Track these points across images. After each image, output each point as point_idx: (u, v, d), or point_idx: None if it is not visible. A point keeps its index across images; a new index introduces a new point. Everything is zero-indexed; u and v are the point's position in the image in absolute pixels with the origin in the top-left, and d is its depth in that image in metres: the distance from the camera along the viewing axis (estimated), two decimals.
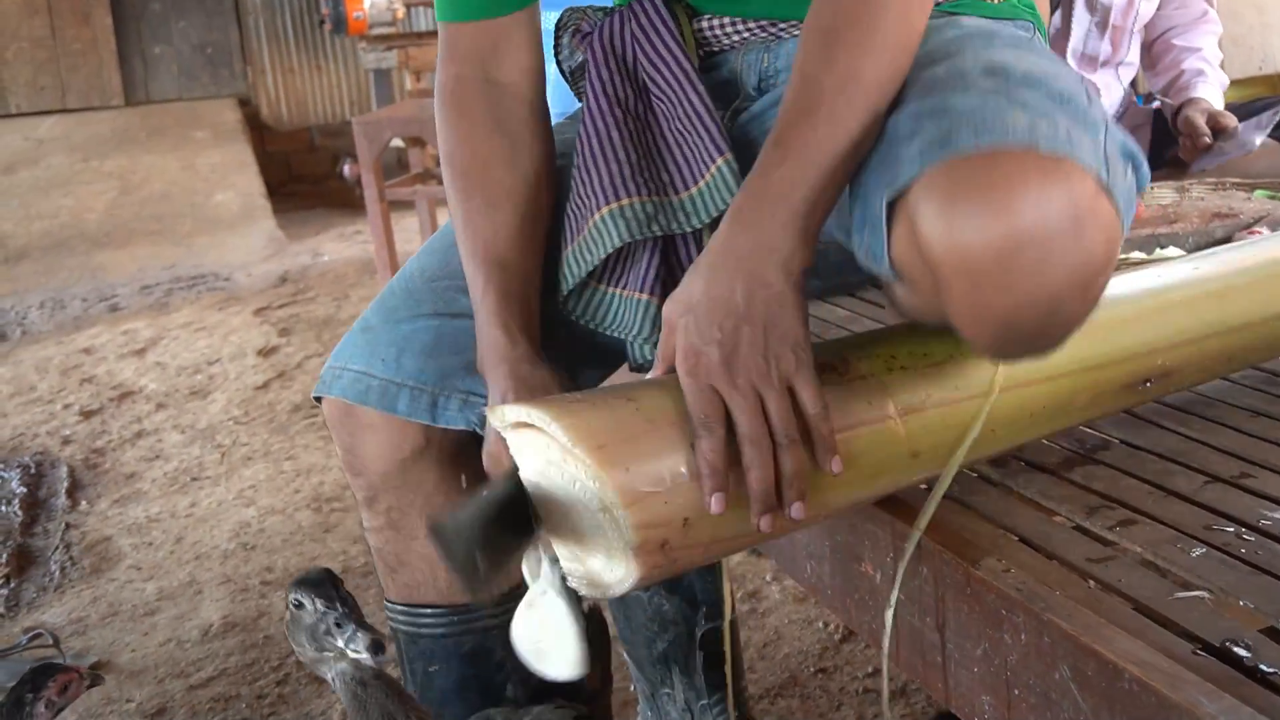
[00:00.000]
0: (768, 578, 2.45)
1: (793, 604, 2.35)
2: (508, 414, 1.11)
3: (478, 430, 1.31)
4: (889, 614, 1.25)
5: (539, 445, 1.09)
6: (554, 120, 2.38)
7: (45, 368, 4.42)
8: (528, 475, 1.12)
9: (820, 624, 2.27)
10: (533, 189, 1.36)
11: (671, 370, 1.07)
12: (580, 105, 1.47)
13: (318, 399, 1.40)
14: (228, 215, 6.53)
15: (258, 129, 7.71)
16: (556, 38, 1.45)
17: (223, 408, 3.86)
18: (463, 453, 1.39)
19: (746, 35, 1.37)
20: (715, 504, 1.03)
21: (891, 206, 1.05)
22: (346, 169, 6.91)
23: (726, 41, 1.38)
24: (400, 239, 4.88)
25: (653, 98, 1.32)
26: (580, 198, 1.28)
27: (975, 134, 1.01)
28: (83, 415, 3.87)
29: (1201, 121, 2.62)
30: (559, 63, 1.47)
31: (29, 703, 1.48)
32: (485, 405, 1.31)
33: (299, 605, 1.32)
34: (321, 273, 5.59)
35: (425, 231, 4.70)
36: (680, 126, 1.28)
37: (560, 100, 2.27)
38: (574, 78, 1.46)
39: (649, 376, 1.12)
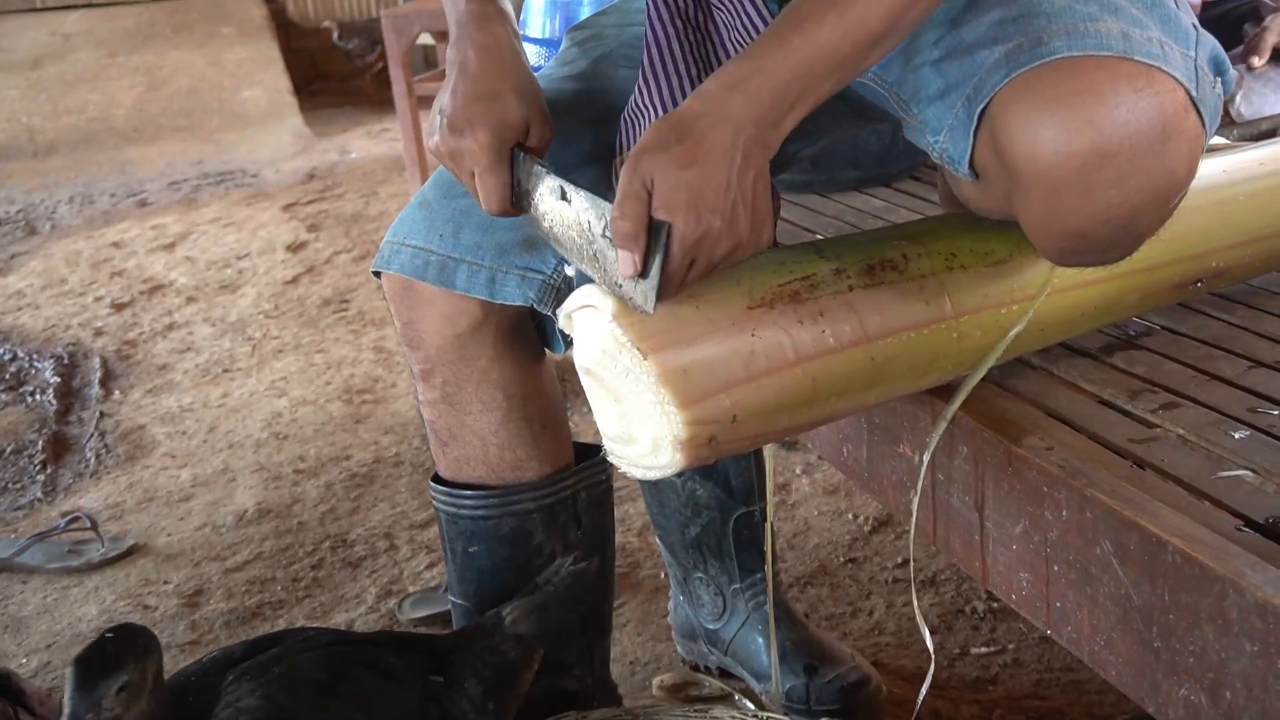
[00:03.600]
0: (797, 470, 2.45)
1: (822, 496, 2.36)
2: (575, 297, 1.11)
3: (535, 306, 1.32)
4: (915, 499, 1.25)
5: (599, 329, 1.09)
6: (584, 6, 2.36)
7: (75, 261, 4.43)
8: (583, 358, 1.12)
9: (850, 515, 2.29)
10: None
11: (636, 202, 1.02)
12: None
13: (376, 273, 1.40)
14: (255, 112, 6.49)
15: (283, 26, 7.63)
16: None
17: (252, 302, 3.87)
18: (519, 329, 1.40)
19: None
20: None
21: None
22: (347, 43, 6.89)
23: None
24: None
25: (713, 7, 1.30)
26: (638, 108, 1.26)
27: (1067, 42, 1.00)
28: (114, 308, 3.89)
29: (1269, 40, 2.40)
30: None
31: None
32: (543, 280, 1.31)
33: None
34: (349, 170, 5.56)
35: None
36: (739, 38, 1.26)
37: None
38: None
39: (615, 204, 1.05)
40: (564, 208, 1.12)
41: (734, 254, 1.04)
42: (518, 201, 1.18)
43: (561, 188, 1.12)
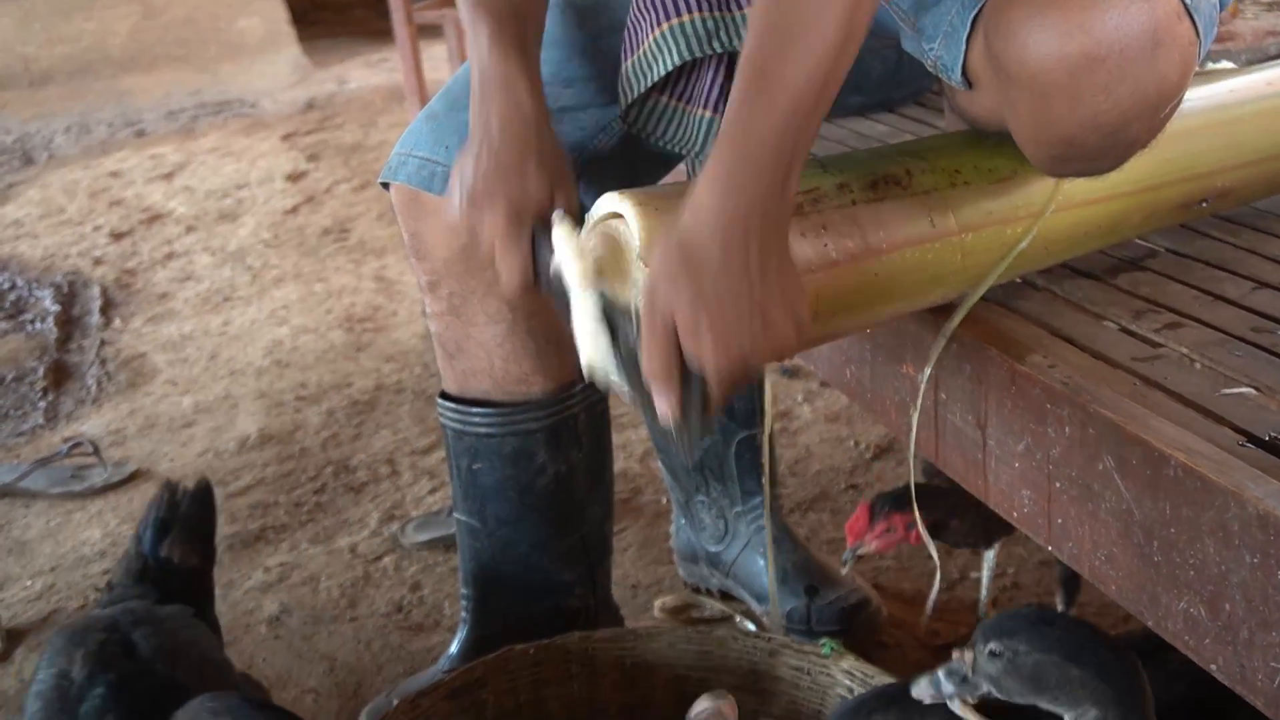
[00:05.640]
0: (799, 397, 2.46)
1: (824, 423, 2.37)
2: (602, 203, 1.10)
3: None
4: (914, 415, 1.26)
5: (620, 239, 1.08)
6: None
7: (74, 191, 4.41)
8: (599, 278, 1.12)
9: (851, 442, 2.29)
10: None
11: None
12: None
13: (384, 184, 1.40)
14: (253, 41, 6.43)
15: None
16: None
17: (252, 231, 3.86)
18: None
19: None
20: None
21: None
22: None
23: None
24: (428, 66, 4.81)
25: None
26: (640, 11, 1.25)
27: None
28: (113, 237, 3.88)
29: None
30: None
31: None
32: None
33: None
34: (348, 100, 5.53)
35: (454, 58, 4.62)
36: None
37: None
38: None
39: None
40: (600, 327, 1.06)
41: (775, 356, 1.00)
42: (540, 281, 1.16)
43: (600, 303, 1.05)
